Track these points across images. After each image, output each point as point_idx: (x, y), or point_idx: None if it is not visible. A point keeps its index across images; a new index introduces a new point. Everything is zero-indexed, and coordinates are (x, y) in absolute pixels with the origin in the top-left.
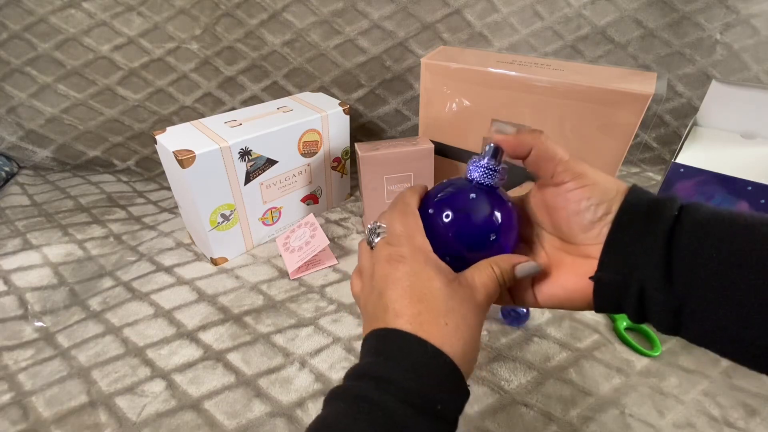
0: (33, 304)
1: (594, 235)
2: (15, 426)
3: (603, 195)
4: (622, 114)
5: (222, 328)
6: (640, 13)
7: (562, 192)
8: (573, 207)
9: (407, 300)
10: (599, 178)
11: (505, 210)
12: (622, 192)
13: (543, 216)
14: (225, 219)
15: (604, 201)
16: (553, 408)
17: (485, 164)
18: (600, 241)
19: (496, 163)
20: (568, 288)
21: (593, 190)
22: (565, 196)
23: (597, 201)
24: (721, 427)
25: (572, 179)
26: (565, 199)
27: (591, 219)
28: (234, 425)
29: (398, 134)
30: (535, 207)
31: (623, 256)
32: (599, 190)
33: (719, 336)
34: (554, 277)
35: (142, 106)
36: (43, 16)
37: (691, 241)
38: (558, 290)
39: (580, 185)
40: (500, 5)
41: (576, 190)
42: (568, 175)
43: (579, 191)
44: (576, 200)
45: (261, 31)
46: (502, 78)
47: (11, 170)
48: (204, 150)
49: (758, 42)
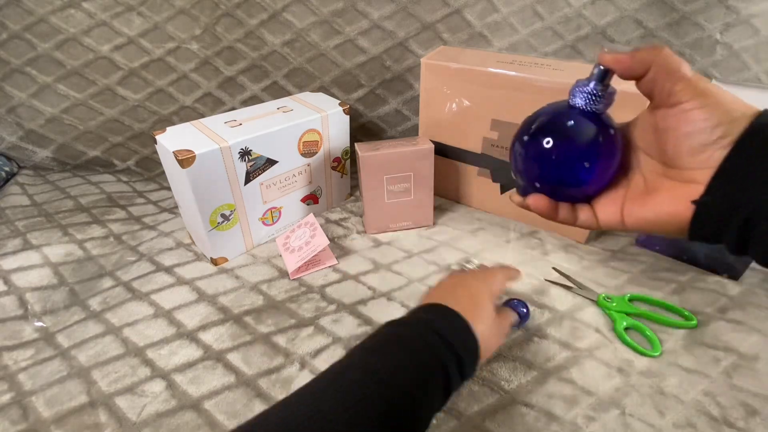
0: (33, 304)
1: (703, 159)
2: (15, 426)
3: (723, 116)
4: (622, 114)
5: (222, 328)
6: (640, 13)
7: (677, 112)
8: (687, 128)
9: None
10: (723, 98)
11: (606, 138)
12: (750, 116)
13: (649, 139)
14: (225, 219)
15: (722, 123)
16: (554, 408)
17: (591, 89)
18: (710, 166)
19: (603, 88)
20: (661, 211)
21: (713, 111)
22: (680, 117)
23: (715, 122)
24: (721, 427)
25: (691, 98)
26: (679, 120)
27: (704, 141)
28: (234, 425)
29: (398, 134)
30: (641, 130)
31: (737, 181)
32: (720, 111)
33: None
34: (647, 200)
35: (142, 106)
36: (43, 16)
37: None
38: (649, 213)
39: (700, 105)
40: (500, 5)
41: (694, 111)
42: (688, 94)
43: (697, 111)
44: (692, 120)
45: (261, 31)
46: (502, 78)
47: (11, 170)
48: (204, 150)
49: (758, 42)
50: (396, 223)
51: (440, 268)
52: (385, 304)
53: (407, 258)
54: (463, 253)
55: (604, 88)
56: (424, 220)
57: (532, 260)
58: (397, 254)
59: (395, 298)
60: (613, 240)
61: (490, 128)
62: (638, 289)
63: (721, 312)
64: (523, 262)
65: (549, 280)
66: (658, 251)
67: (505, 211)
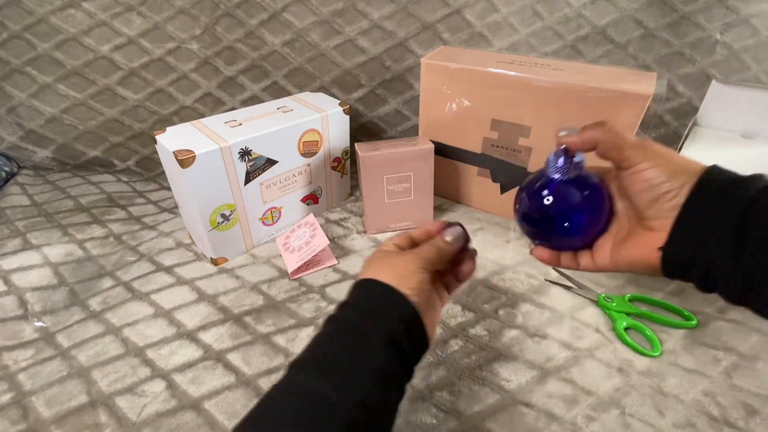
0: (33, 304)
1: (663, 211)
2: (15, 426)
3: (674, 172)
4: (622, 114)
5: (222, 328)
6: (640, 13)
7: (633, 173)
8: (643, 185)
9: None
10: (672, 157)
11: (588, 195)
12: (697, 172)
13: (621, 192)
14: (225, 219)
15: (670, 179)
16: (554, 408)
17: (560, 165)
18: (669, 216)
19: (570, 160)
20: (638, 254)
21: (664, 169)
22: (636, 176)
23: (664, 179)
24: (721, 427)
25: (643, 160)
26: (636, 179)
27: (659, 196)
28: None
29: (398, 134)
30: (614, 185)
31: (693, 231)
32: (671, 168)
33: None
34: (628, 244)
35: (142, 106)
36: (43, 16)
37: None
38: (630, 256)
39: (652, 165)
40: (500, 5)
41: (647, 170)
42: (639, 157)
43: (650, 171)
44: (647, 179)
45: (261, 31)
46: (502, 78)
47: (11, 170)
48: (204, 150)
49: (758, 42)
50: (396, 223)
51: None
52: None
53: None
54: None
55: (571, 160)
56: (424, 220)
57: (531, 260)
58: None
59: None
60: None
61: (490, 128)
62: (638, 289)
63: (721, 312)
64: (523, 262)
65: (549, 280)
66: None
67: (505, 211)
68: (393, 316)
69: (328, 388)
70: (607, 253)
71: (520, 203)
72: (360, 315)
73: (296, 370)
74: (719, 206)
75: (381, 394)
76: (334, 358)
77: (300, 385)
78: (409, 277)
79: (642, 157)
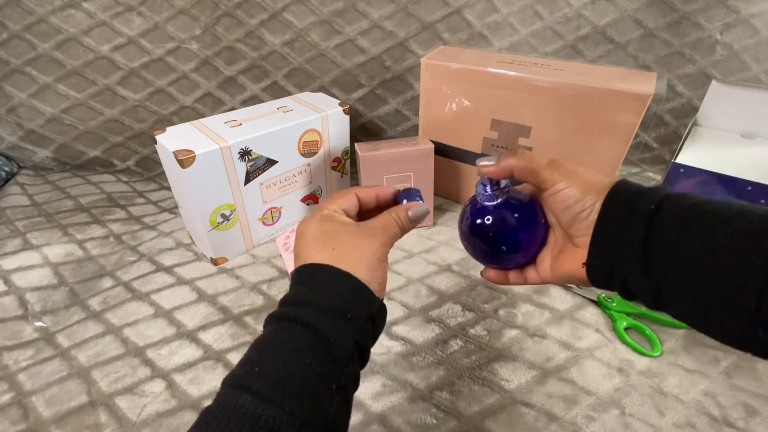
0: (33, 304)
1: (582, 228)
2: (15, 426)
3: (583, 193)
4: (622, 114)
5: (222, 328)
6: (640, 13)
7: (551, 194)
8: (560, 207)
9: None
10: (585, 176)
11: (518, 216)
12: (606, 187)
13: (547, 212)
14: (225, 219)
15: (583, 198)
16: (554, 408)
17: (486, 192)
18: (586, 234)
19: (496, 187)
20: (569, 268)
21: (573, 190)
22: (552, 199)
23: (578, 198)
24: (721, 427)
25: (558, 181)
26: (555, 199)
27: (573, 216)
28: None
29: (398, 134)
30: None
31: (607, 249)
32: (579, 189)
33: (694, 317)
34: (561, 259)
35: (142, 106)
36: (43, 16)
37: (668, 233)
38: (564, 269)
39: (566, 185)
40: (500, 5)
41: (559, 192)
42: (554, 178)
43: (561, 193)
44: (564, 198)
45: (261, 31)
46: (502, 78)
47: (11, 170)
48: (204, 150)
49: (758, 42)
50: None
51: (440, 268)
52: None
53: (407, 258)
54: (463, 253)
55: (497, 186)
56: (424, 220)
57: None
58: (397, 254)
59: (395, 298)
60: None
61: (490, 128)
62: None
63: None
64: None
65: None
66: None
67: None
68: (362, 317)
69: (283, 419)
70: (548, 267)
71: (461, 232)
72: (324, 316)
73: (239, 389)
74: (625, 221)
75: (344, 410)
76: (289, 374)
77: (245, 411)
78: (377, 268)
79: (556, 178)
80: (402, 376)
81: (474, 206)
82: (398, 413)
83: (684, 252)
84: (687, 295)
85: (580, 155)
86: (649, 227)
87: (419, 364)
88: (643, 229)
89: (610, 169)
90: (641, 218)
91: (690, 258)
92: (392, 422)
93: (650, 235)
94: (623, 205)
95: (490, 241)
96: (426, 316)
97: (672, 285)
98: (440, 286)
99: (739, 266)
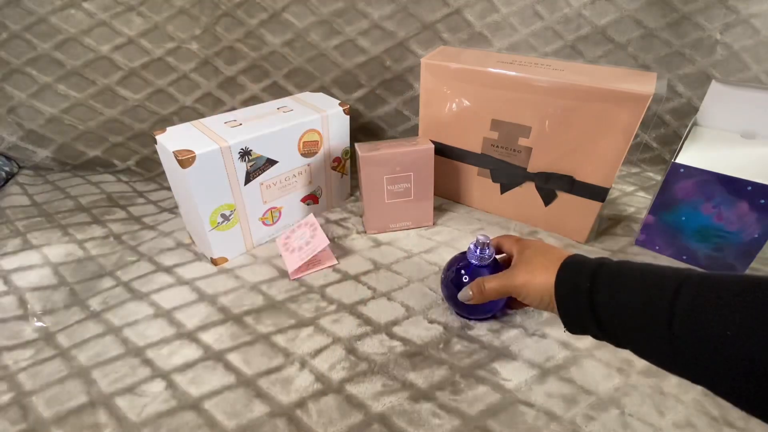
0: (33, 304)
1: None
2: (15, 426)
3: (541, 301)
4: (622, 114)
5: (222, 328)
6: (640, 13)
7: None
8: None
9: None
10: (530, 284)
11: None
12: (552, 278)
13: None
14: (225, 219)
15: (542, 304)
16: (554, 407)
17: (478, 255)
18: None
19: (482, 253)
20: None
21: (533, 302)
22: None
23: (536, 302)
24: (721, 427)
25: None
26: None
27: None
28: (234, 425)
29: (398, 134)
30: None
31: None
32: (537, 298)
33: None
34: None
35: (142, 106)
36: (43, 16)
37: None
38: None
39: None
40: (500, 5)
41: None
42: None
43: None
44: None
45: (261, 31)
46: (502, 78)
47: (11, 170)
48: (204, 150)
49: (758, 42)
50: (396, 223)
51: (440, 268)
52: (385, 304)
53: (407, 258)
54: None
55: (483, 254)
56: (424, 220)
57: None
58: (398, 254)
59: (395, 298)
60: (613, 240)
61: (490, 128)
62: None
63: None
64: None
65: None
66: (658, 251)
67: (505, 211)
68: None
69: None
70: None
71: (446, 276)
72: None
73: None
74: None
75: None
76: None
77: None
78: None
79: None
80: (403, 376)
81: (462, 262)
82: (399, 413)
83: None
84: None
85: (580, 155)
86: (592, 303)
87: (420, 364)
88: (588, 305)
89: (610, 169)
90: (585, 294)
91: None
92: (393, 422)
93: (594, 308)
94: (570, 297)
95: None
96: (426, 316)
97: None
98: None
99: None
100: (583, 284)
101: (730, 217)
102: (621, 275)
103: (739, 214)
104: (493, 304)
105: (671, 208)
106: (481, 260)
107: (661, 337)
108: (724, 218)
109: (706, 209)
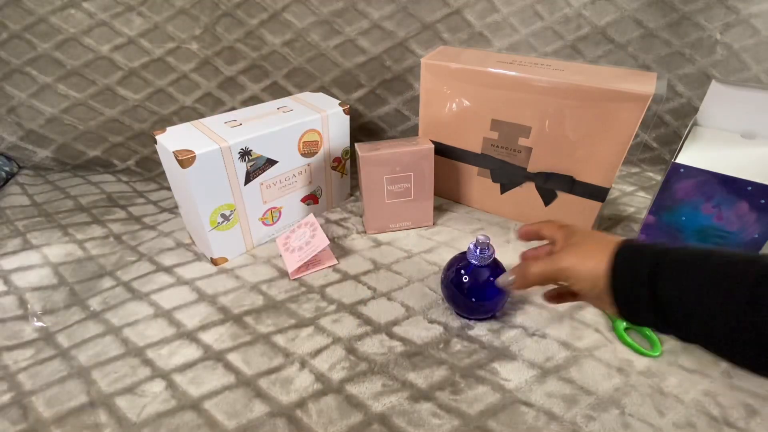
0: (33, 304)
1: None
2: (15, 426)
3: (591, 283)
4: (622, 114)
5: (222, 328)
6: (640, 13)
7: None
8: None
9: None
10: (579, 268)
11: (490, 277)
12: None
13: None
14: (225, 219)
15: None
16: (554, 407)
17: (478, 256)
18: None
19: (482, 255)
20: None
21: (585, 294)
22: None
23: (588, 288)
24: (721, 427)
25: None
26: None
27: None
28: (234, 425)
29: (398, 134)
30: None
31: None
32: (585, 281)
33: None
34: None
35: (142, 106)
36: (43, 16)
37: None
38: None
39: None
40: (500, 5)
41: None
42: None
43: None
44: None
45: (261, 31)
46: (502, 78)
47: (11, 170)
48: (204, 150)
49: (758, 42)
50: (396, 223)
51: (440, 268)
52: (385, 304)
53: (407, 258)
54: None
55: (483, 254)
56: (424, 220)
57: None
58: (397, 254)
59: (395, 298)
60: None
61: (490, 128)
62: None
63: None
64: None
65: None
66: None
67: (505, 211)
68: None
69: None
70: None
71: (446, 276)
72: None
73: None
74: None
75: None
76: None
77: None
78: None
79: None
80: (403, 376)
81: (462, 262)
82: (399, 413)
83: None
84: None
85: (580, 155)
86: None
87: (420, 364)
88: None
89: (610, 169)
90: (645, 283)
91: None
92: (393, 422)
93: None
94: (630, 273)
95: (466, 290)
96: (426, 316)
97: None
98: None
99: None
100: (642, 271)
101: (730, 217)
102: (685, 262)
103: (739, 214)
104: (494, 304)
105: (671, 208)
106: (481, 260)
107: (744, 328)
108: (724, 218)
109: (706, 209)
